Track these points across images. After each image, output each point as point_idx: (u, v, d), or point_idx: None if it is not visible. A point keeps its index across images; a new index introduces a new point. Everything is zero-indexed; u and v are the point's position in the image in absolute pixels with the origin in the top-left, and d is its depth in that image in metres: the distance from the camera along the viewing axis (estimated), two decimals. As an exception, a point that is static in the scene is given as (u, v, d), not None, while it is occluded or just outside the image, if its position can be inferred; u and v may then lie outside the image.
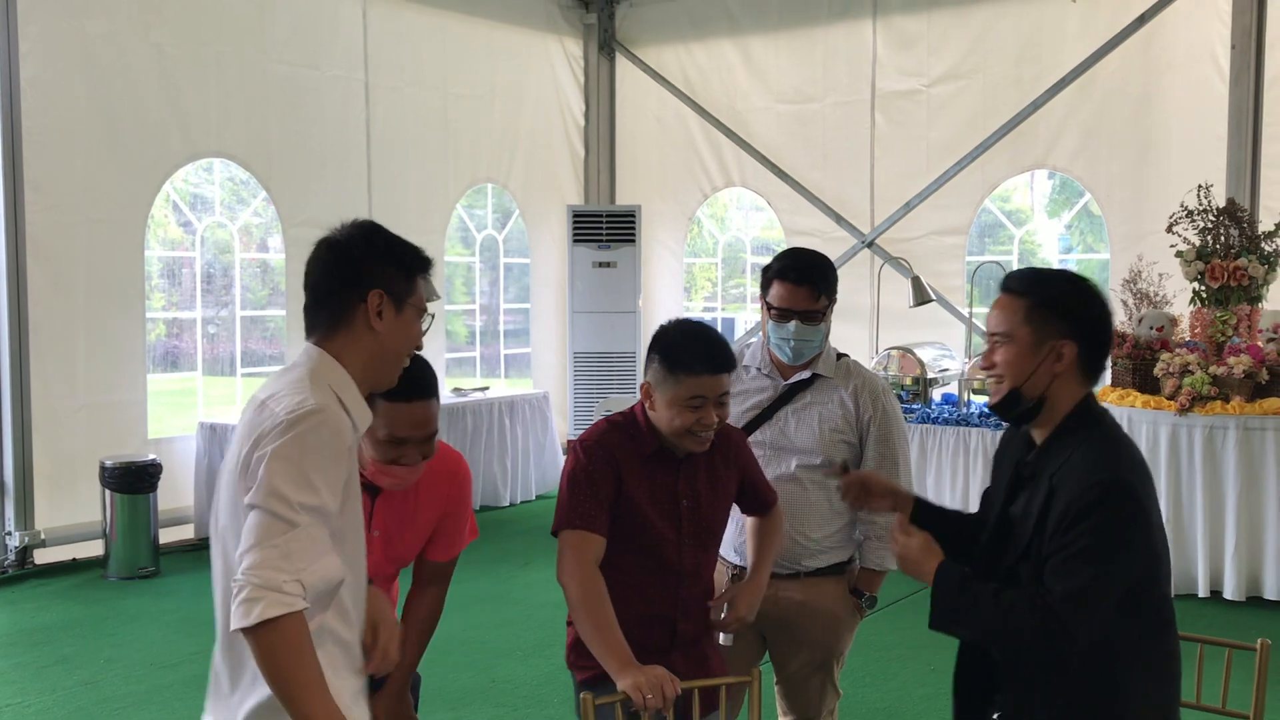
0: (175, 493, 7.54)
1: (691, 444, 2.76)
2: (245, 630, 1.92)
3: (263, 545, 1.95)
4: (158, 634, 5.92)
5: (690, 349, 2.72)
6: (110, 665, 5.44)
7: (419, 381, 2.49)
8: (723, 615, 2.94)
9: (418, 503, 2.80)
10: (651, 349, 2.79)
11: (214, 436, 7.57)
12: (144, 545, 6.95)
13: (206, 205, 9.12)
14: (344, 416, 2.11)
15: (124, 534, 6.90)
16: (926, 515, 2.65)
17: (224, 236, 9.00)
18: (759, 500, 3.05)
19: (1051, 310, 2.30)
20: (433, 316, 2.30)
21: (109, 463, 6.95)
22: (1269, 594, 6.35)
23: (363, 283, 2.15)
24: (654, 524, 2.76)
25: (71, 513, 7.14)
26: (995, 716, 2.39)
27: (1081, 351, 2.30)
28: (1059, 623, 2.17)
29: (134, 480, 6.96)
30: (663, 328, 2.81)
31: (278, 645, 1.93)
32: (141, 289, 7.55)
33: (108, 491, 6.94)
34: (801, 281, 3.22)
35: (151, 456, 7.15)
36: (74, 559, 7.25)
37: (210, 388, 8.64)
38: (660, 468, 2.79)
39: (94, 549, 7.17)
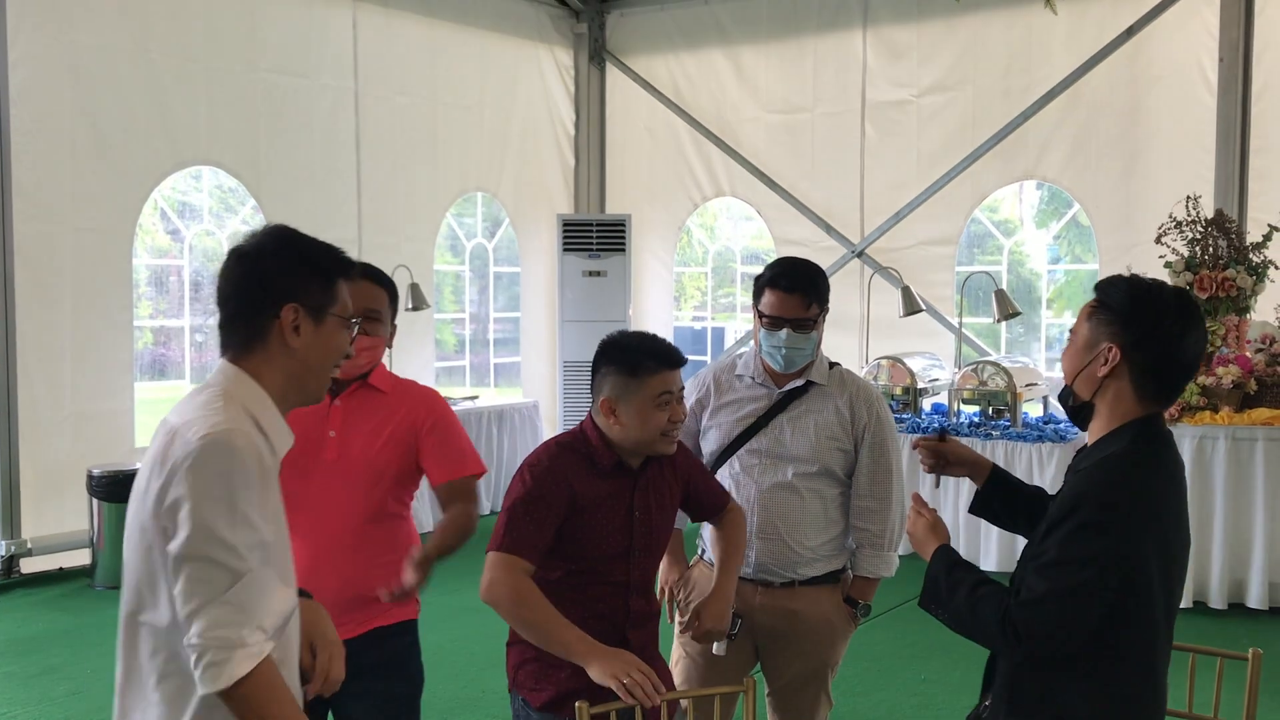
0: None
1: (664, 446, 2.77)
2: (221, 693, 1.85)
3: (213, 604, 1.83)
4: (145, 644, 5.88)
5: (645, 350, 2.75)
6: (98, 675, 5.40)
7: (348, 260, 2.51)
8: (690, 622, 2.97)
9: (383, 415, 2.93)
10: (602, 363, 2.78)
11: (202, 445, 7.53)
12: (131, 554, 6.90)
13: (195, 213, 9.10)
14: (260, 439, 1.98)
15: (111, 543, 6.85)
16: (998, 486, 2.68)
17: (212, 245, 8.98)
18: (711, 502, 3.04)
19: (1109, 310, 2.29)
20: (357, 322, 2.16)
21: (96, 471, 6.91)
22: (1252, 602, 6.37)
23: (275, 297, 2.02)
24: (607, 539, 2.74)
25: (58, 522, 7.10)
26: (985, 705, 2.45)
27: (1133, 362, 2.26)
28: (1012, 625, 2.21)
29: (121, 489, 6.92)
30: (607, 342, 2.81)
31: (257, 696, 1.87)
32: (129, 297, 7.51)
33: (95, 500, 6.90)
34: (793, 289, 3.22)
35: (138, 465, 7.10)
36: (61, 568, 7.20)
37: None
38: (618, 482, 2.78)
39: (81, 558, 7.13)
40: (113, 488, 6.87)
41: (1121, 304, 2.29)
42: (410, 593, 2.79)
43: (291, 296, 2.03)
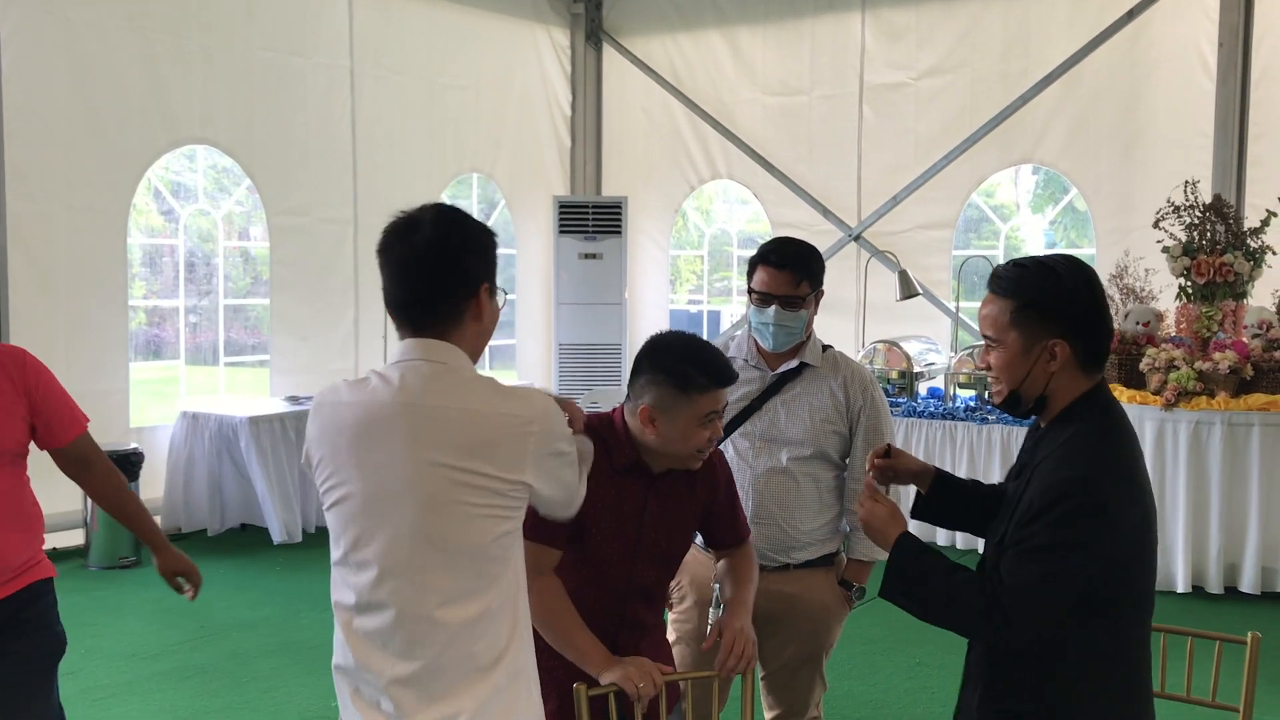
0: (158, 482, 7.49)
1: (694, 462, 2.66)
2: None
3: None
4: (139, 625, 5.88)
5: (700, 365, 2.58)
6: (91, 656, 5.39)
7: None
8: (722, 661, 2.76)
9: None
10: (651, 368, 2.62)
11: (195, 425, 7.51)
12: (125, 535, 6.88)
13: (189, 193, 9.06)
14: None
15: (105, 523, 6.84)
16: (943, 489, 2.60)
17: (207, 225, 8.95)
18: (731, 530, 2.88)
19: (1037, 310, 2.23)
20: (506, 292, 2.28)
21: (90, 452, 6.88)
22: (1245, 587, 6.39)
23: (472, 280, 2.16)
24: (606, 539, 2.64)
25: (52, 502, 6.96)
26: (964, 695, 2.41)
27: (1076, 346, 2.24)
28: (1001, 612, 2.15)
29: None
30: (657, 345, 2.65)
31: None
32: (123, 277, 7.48)
33: (88, 480, 6.87)
34: (783, 266, 3.21)
35: (133, 445, 7.09)
36: (54, 548, 7.17)
37: (192, 376, 8.58)
38: (631, 483, 2.66)
39: (75, 538, 7.11)
40: (106, 468, 6.85)
41: (1049, 296, 2.23)
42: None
43: (483, 277, 2.18)
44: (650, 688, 2.46)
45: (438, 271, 2.13)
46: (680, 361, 2.59)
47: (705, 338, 3.04)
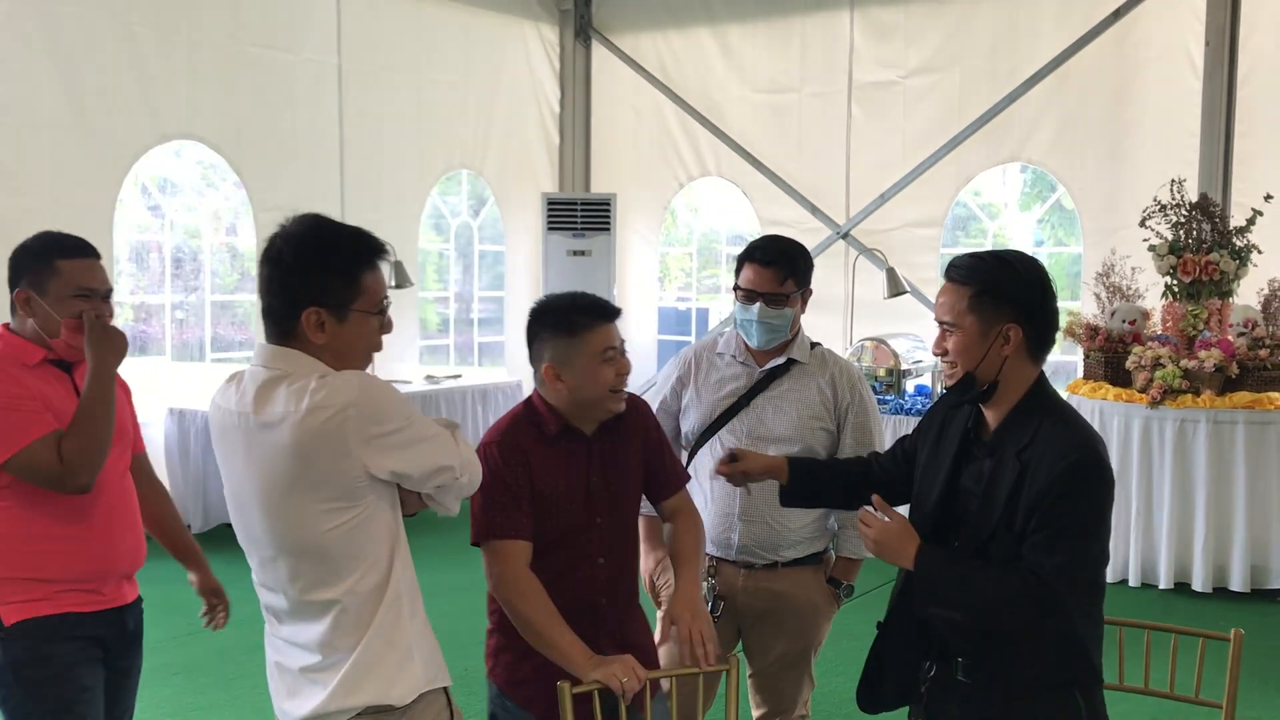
0: (143, 479, 7.45)
1: (614, 404, 2.71)
2: None
3: None
4: (124, 621, 5.85)
5: (579, 308, 2.69)
6: (75, 653, 5.36)
7: (88, 244, 2.82)
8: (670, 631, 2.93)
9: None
10: (537, 330, 2.72)
11: (182, 421, 7.49)
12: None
13: (175, 189, 9.02)
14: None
15: (90, 520, 6.81)
16: (801, 474, 2.83)
17: (193, 221, 8.91)
18: (669, 477, 2.89)
19: (993, 295, 2.35)
20: (383, 312, 2.26)
21: (75, 448, 6.85)
22: (1234, 585, 6.41)
23: (298, 301, 2.17)
24: (566, 510, 2.67)
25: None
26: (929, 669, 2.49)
27: (1027, 332, 2.36)
28: (1053, 593, 2.23)
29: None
30: (536, 309, 2.75)
31: None
32: (110, 273, 7.43)
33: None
34: (768, 263, 3.21)
35: (118, 442, 7.05)
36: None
37: (179, 372, 8.54)
38: (570, 449, 2.71)
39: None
40: (92, 465, 6.82)
41: (1006, 283, 2.36)
42: None
43: (314, 299, 2.17)
44: (635, 683, 2.46)
45: (268, 287, 2.21)
46: (560, 311, 2.69)
47: (694, 335, 3.06)
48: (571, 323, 2.66)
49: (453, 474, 2.27)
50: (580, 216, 9.73)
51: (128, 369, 2.98)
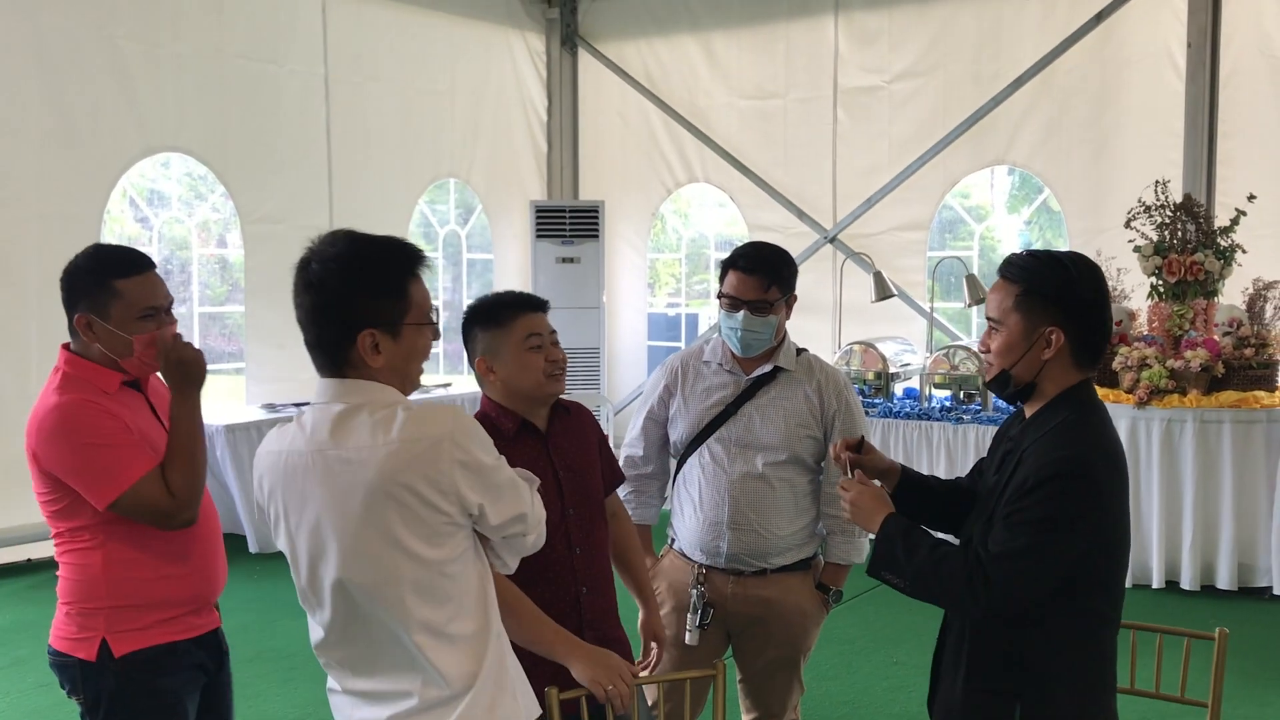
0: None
1: (552, 386, 2.79)
2: None
3: None
4: (115, 635, 5.83)
5: (502, 302, 2.81)
6: (66, 667, 5.35)
7: (142, 256, 2.75)
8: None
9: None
10: (470, 327, 2.82)
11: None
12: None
13: (163, 200, 9.02)
14: None
15: (80, 534, 6.79)
16: (911, 489, 2.66)
17: (181, 232, 8.91)
18: (612, 475, 3.00)
19: (1040, 297, 2.31)
20: (434, 321, 2.21)
21: (64, 462, 6.83)
22: (1222, 584, 6.44)
23: (351, 325, 2.06)
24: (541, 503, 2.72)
25: (25, 512, 6.99)
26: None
27: (1071, 337, 2.31)
28: (983, 576, 2.21)
29: (90, 479, 6.85)
30: (469, 309, 2.86)
31: None
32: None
33: (63, 491, 6.82)
34: (752, 271, 3.21)
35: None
36: (29, 559, 7.13)
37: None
38: (528, 445, 2.76)
39: (48, 549, 7.02)
40: (81, 478, 6.80)
41: (1054, 284, 2.31)
42: None
43: (367, 322, 2.07)
44: (622, 687, 2.47)
45: (313, 317, 2.09)
46: (486, 307, 2.81)
47: (684, 340, 3.08)
48: (498, 315, 2.78)
49: (524, 527, 2.19)
50: (569, 224, 9.74)
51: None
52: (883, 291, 8.18)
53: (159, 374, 2.76)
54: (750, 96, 9.67)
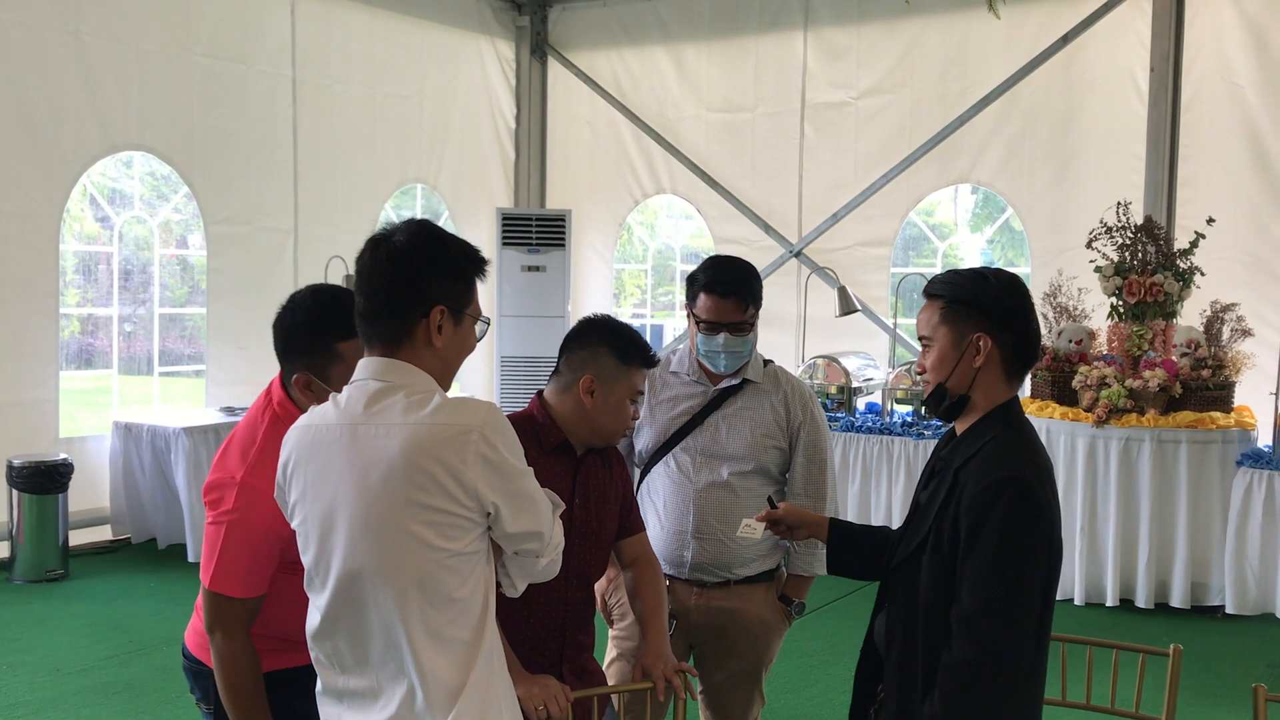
0: (88, 493, 7.33)
1: (617, 439, 2.81)
2: None
3: None
4: (64, 639, 5.74)
5: (640, 344, 2.78)
6: (13, 671, 5.26)
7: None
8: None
9: None
10: (594, 339, 2.75)
11: (129, 436, 7.37)
12: (52, 547, 6.73)
13: (125, 200, 8.91)
14: None
15: (32, 536, 6.68)
16: (839, 537, 2.71)
17: (143, 232, 8.80)
18: (633, 520, 2.95)
19: (964, 305, 2.36)
20: (488, 322, 2.23)
21: (17, 462, 6.73)
22: (1175, 602, 6.51)
23: (426, 298, 2.09)
24: None
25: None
26: (880, 695, 2.50)
27: (1000, 344, 2.34)
28: (976, 646, 2.21)
29: (43, 480, 6.76)
30: (600, 321, 2.81)
31: None
32: (55, 284, 7.32)
33: (15, 491, 6.72)
34: (729, 294, 3.21)
35: (62, 456, 6.94)
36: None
37: (126, 386, 8.43)
38: (559, 464, 2.74)
39: None
40: (34, 479, 6.70)
41: (974, 294, 2.36)
42: None
43: (441, 299, 2.10)
44: (555, 708, 2.45)
45: (391, 284, 2.09)
46: (623, 337, 2.77)
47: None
48: (628, 353, 2.76)
49: (539, 546, 2.13)
50: (535, 232, 9.72)
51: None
52: (847, 306, 8.22)
53: None
54: (719, 109, 9.71)
